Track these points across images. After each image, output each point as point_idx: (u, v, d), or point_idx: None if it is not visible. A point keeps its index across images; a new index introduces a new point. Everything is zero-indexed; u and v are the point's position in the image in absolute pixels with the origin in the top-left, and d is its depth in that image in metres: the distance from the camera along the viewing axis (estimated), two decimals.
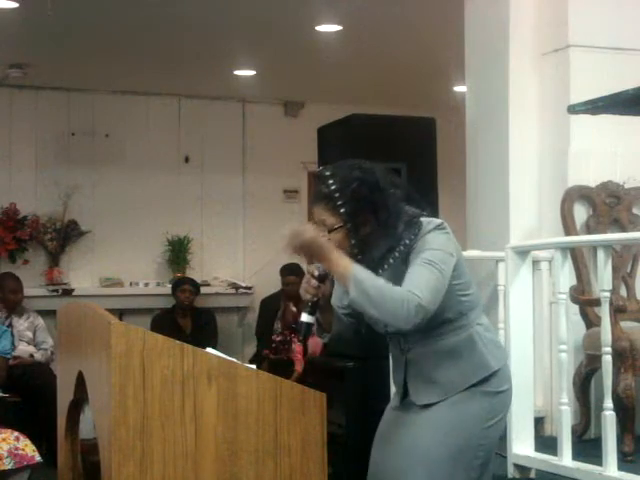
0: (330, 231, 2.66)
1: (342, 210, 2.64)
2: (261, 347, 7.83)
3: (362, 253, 2.67)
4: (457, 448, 2.70)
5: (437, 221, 2.70)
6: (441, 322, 2.68)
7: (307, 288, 2.69)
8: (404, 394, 2.83)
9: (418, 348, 2.74)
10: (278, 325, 7.82)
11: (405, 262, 2.66)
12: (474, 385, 2.72)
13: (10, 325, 6.78)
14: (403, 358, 2.79)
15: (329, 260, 2.59)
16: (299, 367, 7.12)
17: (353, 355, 4.93)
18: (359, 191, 2.65)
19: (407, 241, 2.66)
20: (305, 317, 2.68)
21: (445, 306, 2.65)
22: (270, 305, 8.01)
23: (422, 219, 2.70)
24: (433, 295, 2.56)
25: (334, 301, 2.82)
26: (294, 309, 7.81)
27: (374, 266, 2.67)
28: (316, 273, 2.69)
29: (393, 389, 3.03)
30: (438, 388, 2.73)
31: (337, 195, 2.65)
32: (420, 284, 2.56)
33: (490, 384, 2.74)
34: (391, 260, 2.69)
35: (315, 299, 2.70)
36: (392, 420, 2.87)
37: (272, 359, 7.36)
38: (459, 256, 2.72)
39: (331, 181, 2.67)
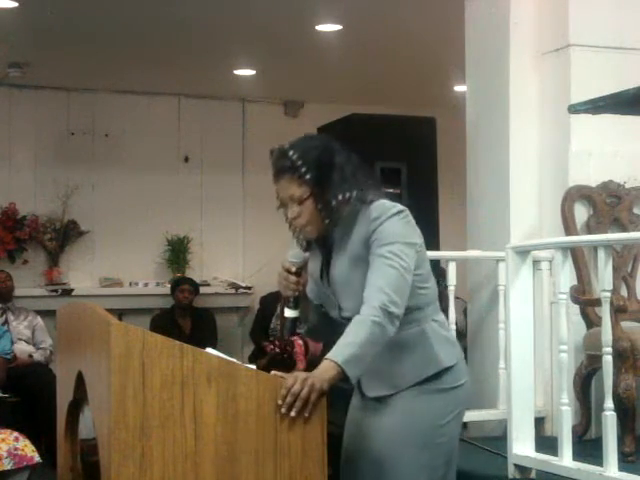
0: (300, 203, 2.66)
1: (307, 177, 2.64)
2: (258, 347, 7.87)
3: (329, 217, 2.67)
4: (415, 449, 2.67)
5: (400, 207, 2.68)
6: None
7: (287, 285, 2.71)
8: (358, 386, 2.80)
9: None
10: (277, 322, 7.85)
11: (365, 245, 2.63)
12: (425, 381, 2.68)
13: (6, 322, 6.78)
14: None
15: (327, 381, 2.48)
16: (301, 365, 7.13)
17: None
18: (321, 157, 2.66)
19: (346, 207, 2.65)
20: (289, 312, 2.72)
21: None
22: (270, 302, 8.03)
23: (385, 201, 2.68)
24: (399, 295, 2.56)
25: (308, 292, 2.82)
26: None
27: (332, 227, 2.68)
28: (293, 269, 2.71)
29: None
30: (388, 381, 2.71)
31: (300, 163, 2.65)
32: (384, 286, 2.55)
33: (442, 381, 2.70)
34: (348, 239, 2.67)
35: (296, 294, 2.73)
36: (354, 418, 2.85)
37: (274, 353, 7.38)
38: (422, 246, 2.70)
39: (292, 152, 2.67)
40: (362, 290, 2.61)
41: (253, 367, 2.52)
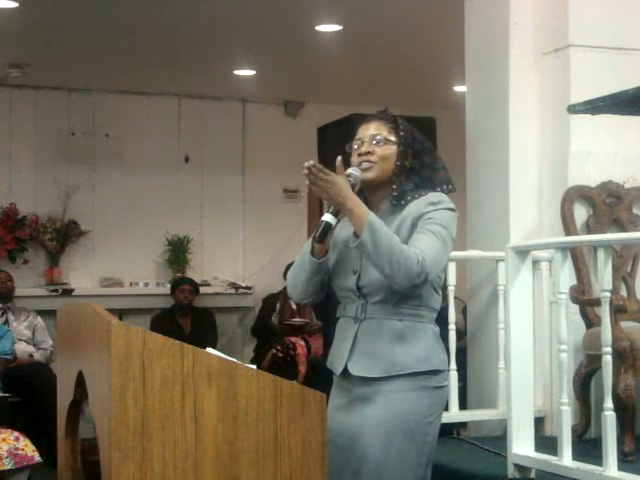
0: (382, 144, 2.78)
1: (401, 133, 2.80)
2: (260, 342, 7.93)
3: (397, 177, 2.77)
4: (403, 443, 2.67)
5: (455, 210, 2.78)
6: (406, 303, 2.70)
7: None
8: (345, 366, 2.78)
9: (373, 321, 2.73)
10: (276, 319, 7.93)
11: (412, 225, 2.70)
12: (413, 375, 2.69)
13: (6, 322, 6.79)
14: (355, 328, 2.76)
15: (347, 201, 2.64)
16: (303, 368, 7.18)
17: None
18: (418, 136, 2.83)
19: (416, 195, 2.76)
20: (327, 216, 2.73)
21: (419, 291, 2.69)
22: (271, 302, 8.10)
23: (447, 196, 2.78)
24: (435, 263, 2.63)
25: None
26: (294, 306, 7.88)
27: (393, 188, 2.77)
28: (352, 181, 2.75)
29: None
30: (380, 363, 2.70)
31: (399, 122, 2.83)
32: (427, 250, 2.62)
33: (430, 380, 2.72)
34: (401, 202, 2.75)
35: None
36: (337, 405, 2.81)
37: (279, 357, 7.44)
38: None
39: (395, 116, 2.86)
40: None
41: (253, 367, 2.52)
